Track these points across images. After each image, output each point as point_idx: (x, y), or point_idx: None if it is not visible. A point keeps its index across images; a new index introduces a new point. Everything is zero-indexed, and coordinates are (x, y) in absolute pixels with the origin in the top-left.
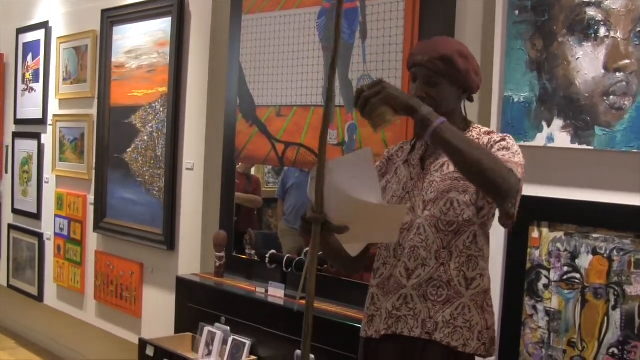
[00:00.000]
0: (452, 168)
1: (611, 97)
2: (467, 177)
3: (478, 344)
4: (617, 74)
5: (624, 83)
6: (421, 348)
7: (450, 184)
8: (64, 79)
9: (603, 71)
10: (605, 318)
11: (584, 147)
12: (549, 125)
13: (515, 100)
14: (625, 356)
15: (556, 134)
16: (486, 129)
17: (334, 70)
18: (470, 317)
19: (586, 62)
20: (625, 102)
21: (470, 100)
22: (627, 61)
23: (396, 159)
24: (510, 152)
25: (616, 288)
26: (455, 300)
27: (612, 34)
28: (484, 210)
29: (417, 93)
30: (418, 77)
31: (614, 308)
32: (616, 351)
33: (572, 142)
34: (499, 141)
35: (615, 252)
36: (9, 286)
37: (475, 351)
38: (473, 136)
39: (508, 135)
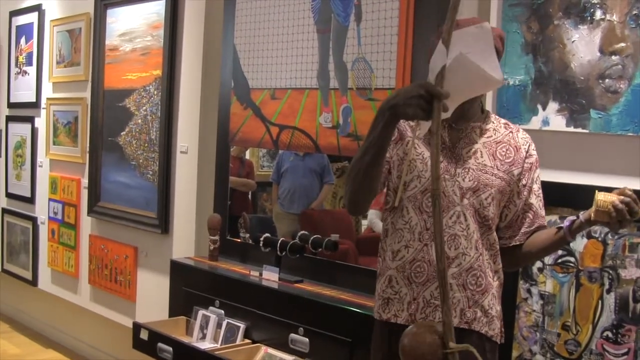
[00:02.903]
0: (486, 159)
1: (607, 80)
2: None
3: (502, 334)
4: (613, 57)
5: (620, 66)
6: (457, 335)
7: (494, 181)
8: (58, 62)
9: (599, 54)
10: (600, 302)
11: (579, 130)
12: (544, 109)
13: (511, 83)
14: (619, 339)
15: (551, 117)
16: (500, 118)
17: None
18: (497, 307)
19: (582, 45)
20: (621, 86)
21: None
22: (622, 44)
23: (405, 132)
24: (541, 189)
25: (610, 272)
26: (490, 290)
27: (607, 16)
28: (500, 210)
29: None
30: None
31: (608, 292)
32: (610, 334)
33: (568, 125)
34: (536, 169)
35: (609, 236)
36: (3, 270)
37: (501, 340)
38: (493, 123)
39: (533, 146)
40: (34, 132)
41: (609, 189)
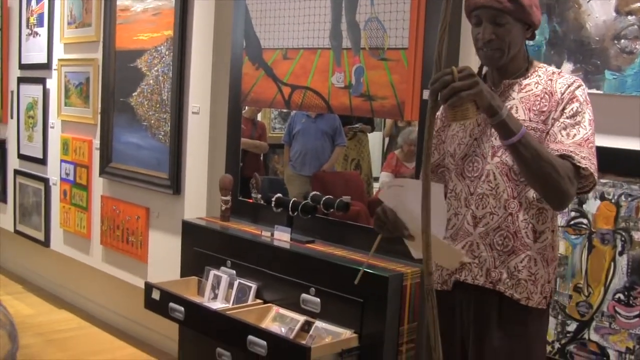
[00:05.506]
0: (521, 114)
1: (622, 40)
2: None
3: (540, 298)
4: (629, 17)
5: (636, 26)
6: (489, 299)
7: None
8: (69, 23)
9: (614, 14)
10: (612, 263)
11: (594, 91)
12: (558, 69)
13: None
14: (631, 302)
15: None
16: (552, 68)
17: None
18: (535, 271)
19: (597, 5)
20: (637, 46)
21: (532, 38)
22: (639, 4)
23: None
24: (580, 126)
25: (623, 234)
26: (520, 252)
27: None
28: None
29: (484, 36)
30: (483, 19)
31: (621, 254)
32: (622, 297)
33: None
34: (570, 103)
35: (623, 198)
36: (16, 231)
37: (537, 305)
38: (539, 77)
39: (579, 86)
40: (45, 94)
41: (623, 151)
